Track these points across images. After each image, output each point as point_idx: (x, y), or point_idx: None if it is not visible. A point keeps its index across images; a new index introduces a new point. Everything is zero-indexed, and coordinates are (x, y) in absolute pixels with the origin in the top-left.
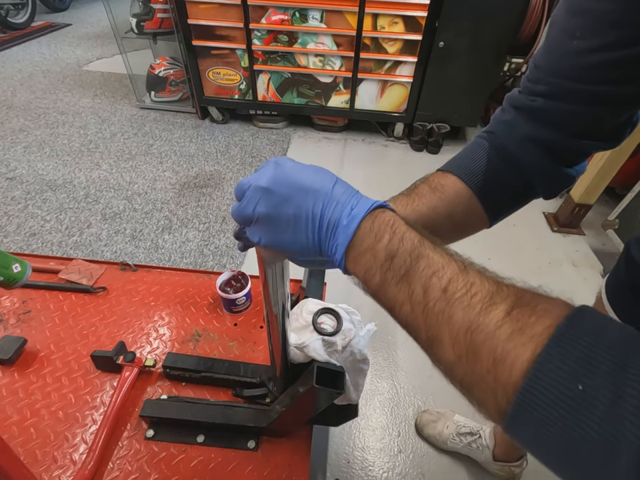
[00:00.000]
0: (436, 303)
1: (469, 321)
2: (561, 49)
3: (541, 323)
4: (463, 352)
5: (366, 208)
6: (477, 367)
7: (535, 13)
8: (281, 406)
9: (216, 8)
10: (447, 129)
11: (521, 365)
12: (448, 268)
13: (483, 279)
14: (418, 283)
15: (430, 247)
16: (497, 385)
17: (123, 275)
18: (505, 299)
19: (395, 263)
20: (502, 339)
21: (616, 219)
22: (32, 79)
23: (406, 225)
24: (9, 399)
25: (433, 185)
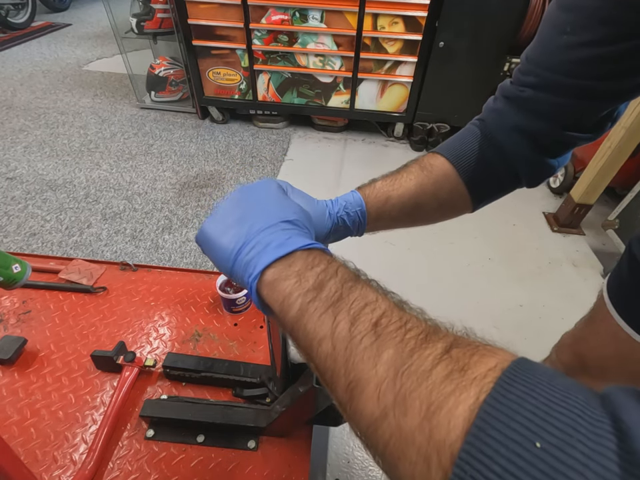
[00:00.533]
0: (363, 338)
1: (400, 360)
2: (552, 43)
3: (485, 363)
4: (389, 402)
5: (304, 243)
6: (406, 422)
7: (534, 13)
8: (281, 406)
9: (216, 8)
10: (447, 129)
11: (461, 414)
12: (383, 302)
13: (420, 318)
14: (346, 314)
15: (367, 282)
16: (430, 447)
17: (123, 274)
18: (443, 337)
19: (323, 292)
20: (438, 380)
21: (616, 219)
22: (32, 79)
23: (330, 261)
24: (9, 398)
25: (422, 164)
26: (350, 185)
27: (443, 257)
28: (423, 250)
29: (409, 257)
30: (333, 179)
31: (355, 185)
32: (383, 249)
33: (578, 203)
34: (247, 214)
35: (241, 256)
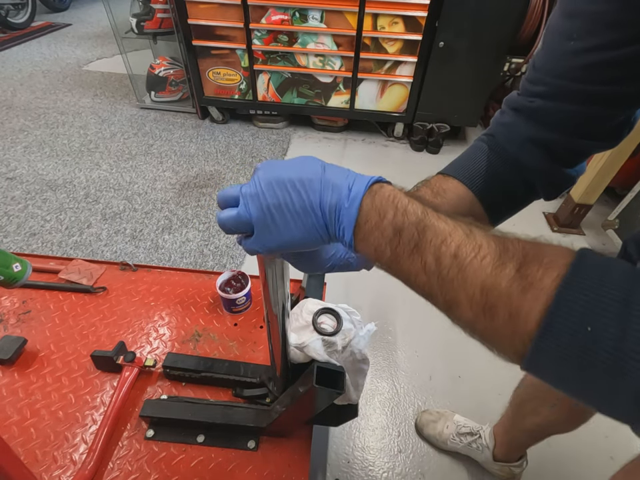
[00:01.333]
0: (449, 270)
1: (482, 282)
2: (559, 50)
3: (549, 275)
4: (480, 310)
5: (363, 186)
6: (494, 322)
7: (535, 13)
8: (281, 406)
9: (216, 8)
10: (447, 129)
11: (534, 316)
12: (455, 234)
13: (490, 240)
14: (429, 253)
15: (434, 215)
16: (514, 335)
17: (123, 275)
18: (512, 257)
19: (403, 237)
20: (515, 295)
21: (616, 219)
22: (32, 78)
23: (406, 197)
24: (9, 398)
25: (435, 190)
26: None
27: None
28: None
29: None
30: None
31: None
32: None
33: (578, 203)
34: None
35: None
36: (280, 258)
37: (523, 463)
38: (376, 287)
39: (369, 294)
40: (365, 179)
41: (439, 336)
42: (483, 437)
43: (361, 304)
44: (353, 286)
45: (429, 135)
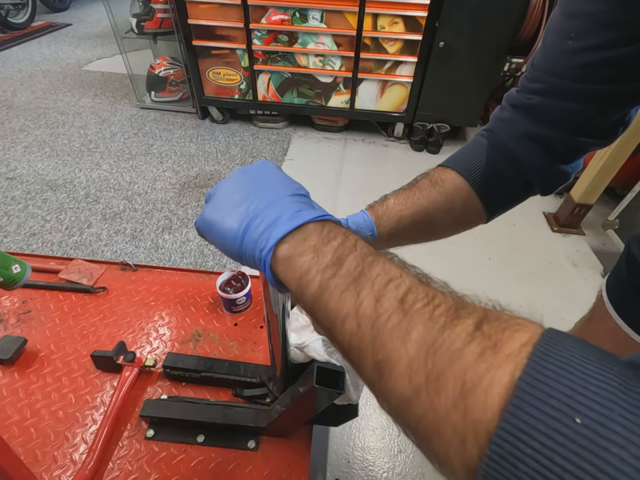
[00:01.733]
0: (390, 316)
1: (431, 338)
2: (557, 49)
3: (517, 339)
4: (422, 381)
5: (317, 214)
6: (440, 400)
7: (535, 13)
8: (281, 406)
9: (216, 8)
10: (447, 129)
11: (497, 393)
12: (407, 277)
13: (446, 292)
14: (369, 291)
15: (386, 257)
16: (465, 426)
17: (123, 274)
18: (472, 312)
19: (342, 268)
20: (471, 359)
21: (616, 219)
22: (32, 79)
23: (347, 234)
24: (9, 398)
25: (433, 180)
26: (350, 185)
27: (443, 257)
28: (423, 250)
29: (409, 257)
30: (333, 179)
31: (355, 184)
32: None
33: (578, 203)
34: (251, 192)
35: (250, 231)
36: None
37: None
38: None
39: None
40: (322, 212)
41: None
42: None
43: None
44: None
45: (429, 134)
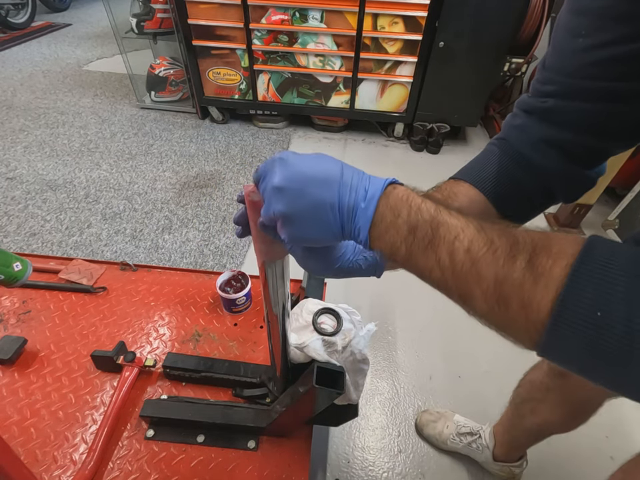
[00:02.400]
0: (463, 265)
1: (495, 275)
2: (568, 48)
3: (558, 265)
4: (494, 302)
5: (379, 188)
6: (509, 312)
7: (535, 12)
8: (281, 406)
9: (216, 8)
10: (447, 129)
11: (546, 305)
12: (467, 230)
13: (501, 234)
14: (443, 249)
15: (446, 212)
16: (528, 323)
17: (123, 274)
18: (523, 249)
19: (417, 234)
20: (527, 285)
21: (616, 219)
22: (32, 79)
23: (419, 197)
24: (9, 398)
25: (445, 193)
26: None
27: None
28: None
29: None
30: None
31: None
32: None
33: (578, 203)
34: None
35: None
36: (285, 256)
37: (523, 463)
38: (376, 287)
39: (369, 294)
40: (380, 180)
41: (439, 336)
42: (483, 436)
43: (361, 304)
44: (353, 286)
45: (429, 135)
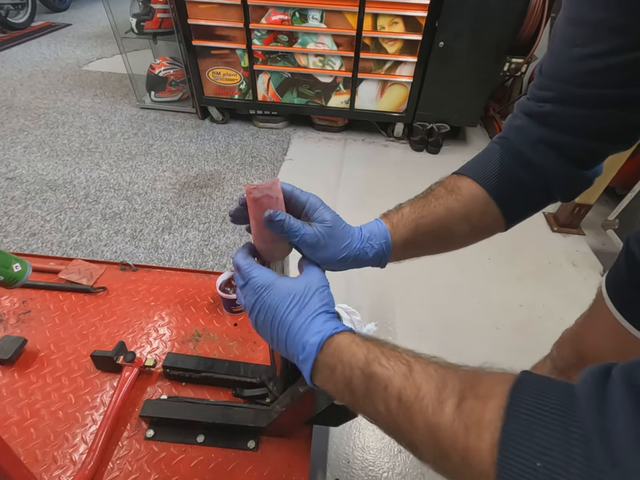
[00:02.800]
0: (397, 414)
1: (426, 423)
2: (564, 57)
3: (488, 409)
4: (436, 454)
5: (315, 347)
6: (451, 464)
7: (534, 12)
8: (281, 406)
9: (216, 8)
10: (447, 129)
11: (485, 455)
12: (395, 378)
13: (429, 377)
14: (378, 399)
15: (375, 361)
16: (473, 473)
17: (123, 274)
18: (452, 392)
19: (353, 387)
20: (460, 435)
21: (616, 219)
22: (32, 78)
23: (350, 350)
24: (9, 398)
25: (449, 187)
26: (350, 184)
27: (444, 257)
28: None
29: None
30: (333, 179)
31: (354, 184)
32: None
33: (578, 203)
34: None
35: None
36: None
37: None
38: (376, 287)
39: (368, 294)
40: (319, 337)
41: (438, 336)
42: None
43: (361, 304)
44: (353, 286)
45: (428, 134)
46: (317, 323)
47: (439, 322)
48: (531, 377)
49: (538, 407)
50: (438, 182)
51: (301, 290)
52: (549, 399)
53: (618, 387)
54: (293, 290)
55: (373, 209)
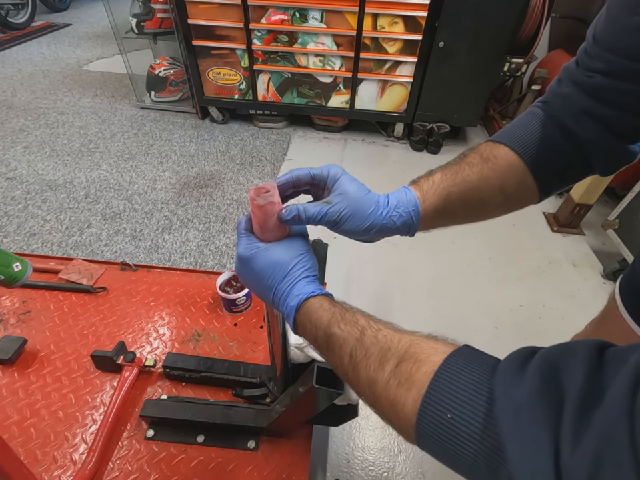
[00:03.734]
0: (348, 368)
1: (367, 378)
2: (621, 24)
3: (420, 371)
4: (373, 402)
5: (294, 309)
6: (384, 411)
7: (535, 12)
8: (281, 406)
9: (216, 8)
10: (447, 129)
11: (410, 405)
12: (349, 338)
13: (378, 340)
14: (335, 355)
15: (336, 324)
16: (400, 421)
17: (123, 274)
18: (392, 356)
19: (319, 342)
20: (392, 389)
21: (616, 219)
22: (32, 78)
23: (317, 313)
24: (9, 399)
25: (484, 155)
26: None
27: (444, 257)
28: (423, 250)
29: (410, 257)
30: None
31: None
32: (384, 249)
33: (578, 203)
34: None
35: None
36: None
37: None
38: (376, 287)
39: (369, 294)
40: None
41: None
42: None
43: (361, 304)
44: (353, 286)
45: (428, 135)
46: (297, 287)
47: (439, 322)
48: (468, 350)
49: (462, 372)
50: (472, 148)
51: (285, 258)
52: (474, 367)
53: (535, 363)
54: (277, 258)
55: None
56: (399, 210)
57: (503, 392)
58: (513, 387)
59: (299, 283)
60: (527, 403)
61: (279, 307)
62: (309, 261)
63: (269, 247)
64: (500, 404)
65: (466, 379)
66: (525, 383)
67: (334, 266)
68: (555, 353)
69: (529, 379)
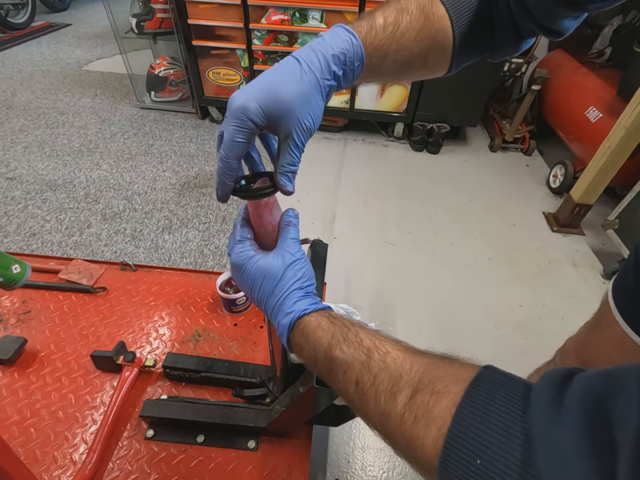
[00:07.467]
0: (354, 397)
1: (379, 411)
2: None
3: (439, 404)
4: (385, 436)
5: (286, 328)
6: (399, 448)
7: None
8: (281, 406)
9: (216, 8)
10: (447, 129)
11: (429, 446)
12: (354, 363)
13: (387, 365)
14: (339, 380)
15: (337, 346)
16: (418, 461)
17: (123, 274)
18: (406, 385)
19: (319, 366)
20: (407, 425)
21: (616, 219)
22: (32, 78)
23: (315, 334)
24: (9, 398)
25: (426, 10)
26: (350, 184)
27: (444, 257)
28: (423, 250)
29: (409, 258)
30: (332, 179)
31: (355, 184)
32: (384, 250)
33: (578, 203)
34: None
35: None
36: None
37: None
38: (376, 287)
39: (368, 294)
40: (290, 317)
41: (438, 336)
42: None
43: (361, 304)
44: (353, 286)
45: (428, 135)
46: (287, 303)
47: (439, 322)
48: (492, 374)
49: (489, 407)
50: None
51: (273, 269)
52: (501, 398)
53: (576, 396)
54: (265, 269)
55: (373, 209)
56: (346, 65)
57: (541, 434)
58: (554, 427)
59: (289, 297)
60: (572, 450)
61: (272, 322)
62: (301, 270)
63: (258, 256)
64: (541, 450)
65: (494, 415)
66: (567, 423)
67: (334, 266)
68: (598, 384)
69: (571, 418)
